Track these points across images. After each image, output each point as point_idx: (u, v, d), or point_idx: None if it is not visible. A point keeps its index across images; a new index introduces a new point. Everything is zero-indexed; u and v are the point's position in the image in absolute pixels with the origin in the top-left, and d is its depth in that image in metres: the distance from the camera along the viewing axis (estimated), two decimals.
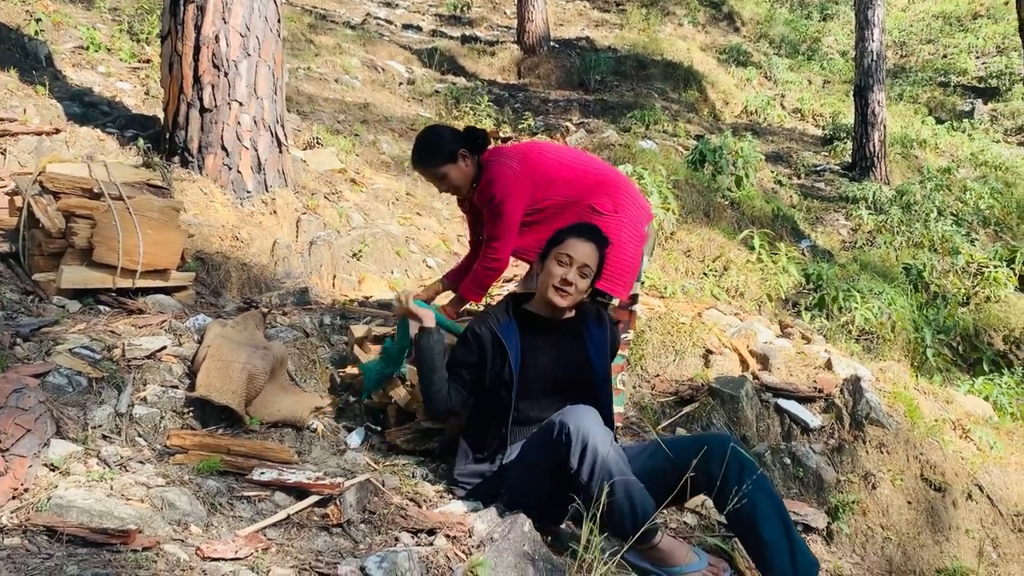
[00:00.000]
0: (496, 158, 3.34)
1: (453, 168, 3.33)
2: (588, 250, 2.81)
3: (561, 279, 2.78)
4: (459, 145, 3.31)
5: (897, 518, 3.61)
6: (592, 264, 2.81)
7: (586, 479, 2.46)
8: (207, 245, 4.13)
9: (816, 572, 2.51)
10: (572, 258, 2.78)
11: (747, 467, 2.59)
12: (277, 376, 3.12)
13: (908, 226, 8.57)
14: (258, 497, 2.51)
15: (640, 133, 9.22)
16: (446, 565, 2.35)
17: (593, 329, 2.93)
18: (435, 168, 3.36)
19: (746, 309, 5.71)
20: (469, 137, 3.36)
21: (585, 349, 2.88)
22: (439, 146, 3.33)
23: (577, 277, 2.78)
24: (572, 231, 2.87)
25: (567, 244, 2.81)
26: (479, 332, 2.86)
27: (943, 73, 15.57)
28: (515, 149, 3.45)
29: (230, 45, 4.45)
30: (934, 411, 4.23)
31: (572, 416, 2.51)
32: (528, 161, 3.32)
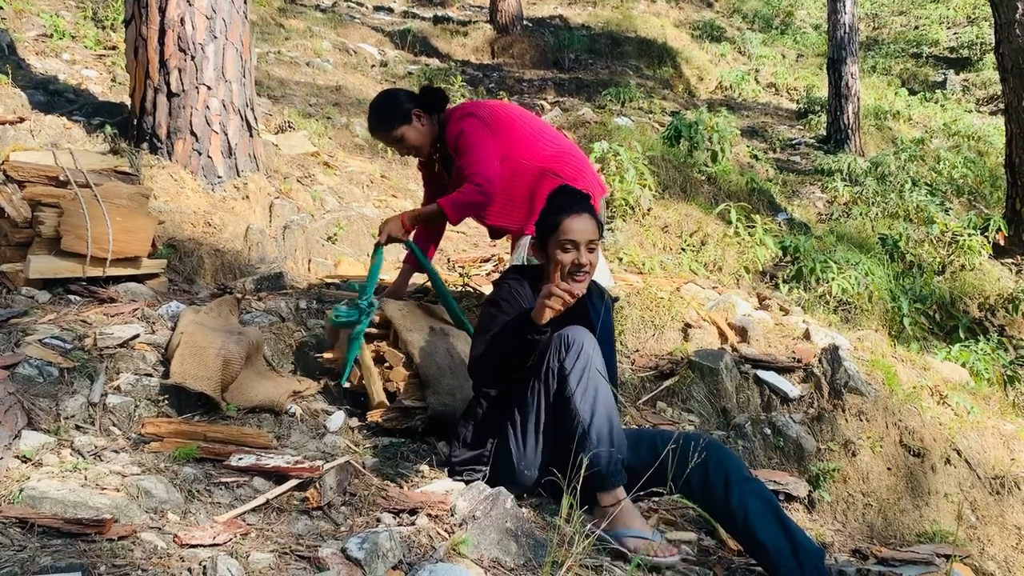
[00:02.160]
0: (460, 112, 3.29)
1: (409, 129, 3.28)
2: (586, 224, 2.66)
3: (574, 265, 2.63)
4: (414, 104, 3.26)
5: (877, 484, 3.64)
6: (595, 234, 2.68)
7: (574, 385, 2.48)
8: (179, 232, 4.07)
9: (823, 559, 2.50)
10: (576, 241, 2.63)
11: (732, 473, 2.55)
12: (253, 361, 3.09)
13: (883, 197, 8.62)
14: (236, 483, 2.49)
15: (615, 110, 9.19)
16: (428, 544, 2.34)
17: (598, 306, 2.86)
18: (391, 131, 3.30)
19: (724, 283, 5.73)
20: (425, 96, 3.30)
21: (591, 329, 2.77)
22: (393, 108, 3.28)
23: (588, 256, 2.65)
24: (559, 211, 2.69)
25: (563, 229, 2.64)
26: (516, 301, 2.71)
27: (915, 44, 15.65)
28: (480, 103, 3.41)
29: (196, 28, 4.37)
30: (912, 378, 4.28)
31: (572, 328, 2.55)
32: (495, 116, 3.28)
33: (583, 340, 2.53)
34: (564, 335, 2.55)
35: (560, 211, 2.67)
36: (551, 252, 2.66)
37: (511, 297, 2.72)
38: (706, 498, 2.53)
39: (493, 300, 2.76)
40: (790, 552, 2.44)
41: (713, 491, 2.52)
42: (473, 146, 3.17)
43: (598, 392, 2.49)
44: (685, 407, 3.68)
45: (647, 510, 2.97)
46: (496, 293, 2.78)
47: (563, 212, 2.66)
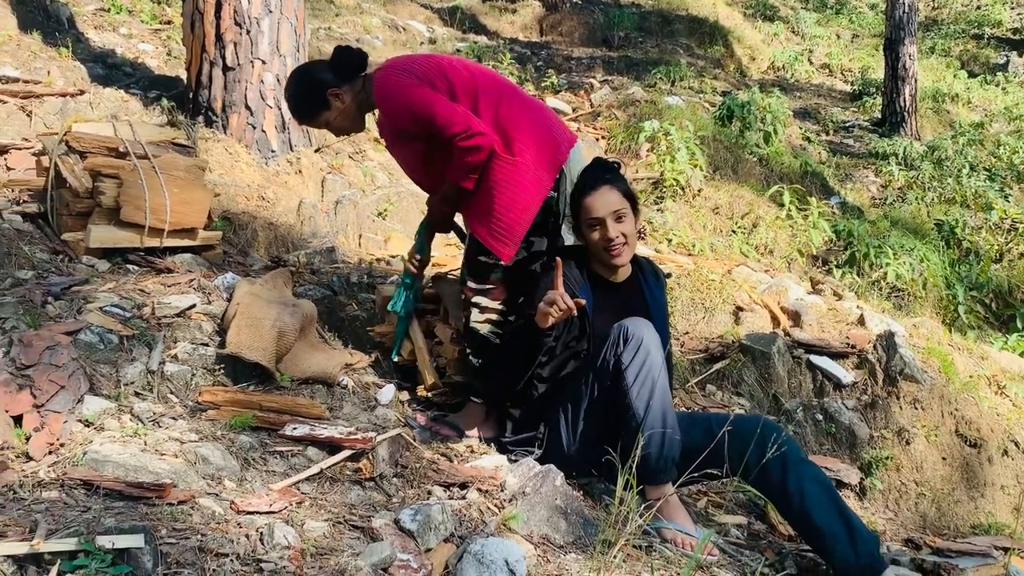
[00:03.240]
0: (383, 68, 2.85)
1: (331, 113, 2.91)
2: (608, 196, 2.62)
3: (604, 240, 2.63)
4: (327, 85, 2.87)
5: (931, 474, 3.57)
6: (621, 203, 2.63)
7: (631, 380, 2.45)
8: (233, 205, 4.12)
9: (878, 545, 2.47)
10: (599, 217, 2.62)
11: (790, 456, 2.50)
12: (307, 333, 3.12)
13: (940, 182, 8.40)
14: (290, 452, 2.52)
15: (665, 90, 9.06)
16: (479, 518, 2.35)
17: (652, 285, 2.82)
18: (313, 121, 2.98)
19: (776, 266, 5.64)
20: (338, 64, 2.91)
21: (648, 310, 2.76)
22: (306, 96, 2.92)
23: (618, 226, 2.61)
24: (578, 193, 2.65)
25: (585, 208, 2.65)
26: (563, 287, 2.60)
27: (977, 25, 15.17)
28: (409, 56, 2.95)
29: (251, 2, 4.39)
30: (968, 367, 4.18)
31: (633, 321, 2.52)
32: (427, 63, 2.83)
33: (643, 334, 2.48)
34: (624, 328, 2.51)
35: (579, 191, 2.68)
36: (584, 232, 2.67)
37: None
38: (762, 480, 2.50)
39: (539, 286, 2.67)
40: (846, 538, 2.41)
41: (770, 473, 2.49)
42: (428, 108, 2.72)
43: (655, 388, 2.46)
44: (736, 391, 3.64)
45: (696, 492, 2.95)
46: (543, 277, 2.72)
47: (581, 192, 2.67)
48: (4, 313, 2.72)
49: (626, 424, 2.49)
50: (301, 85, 2.97)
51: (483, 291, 2.89)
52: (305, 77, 2.98)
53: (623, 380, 2.47)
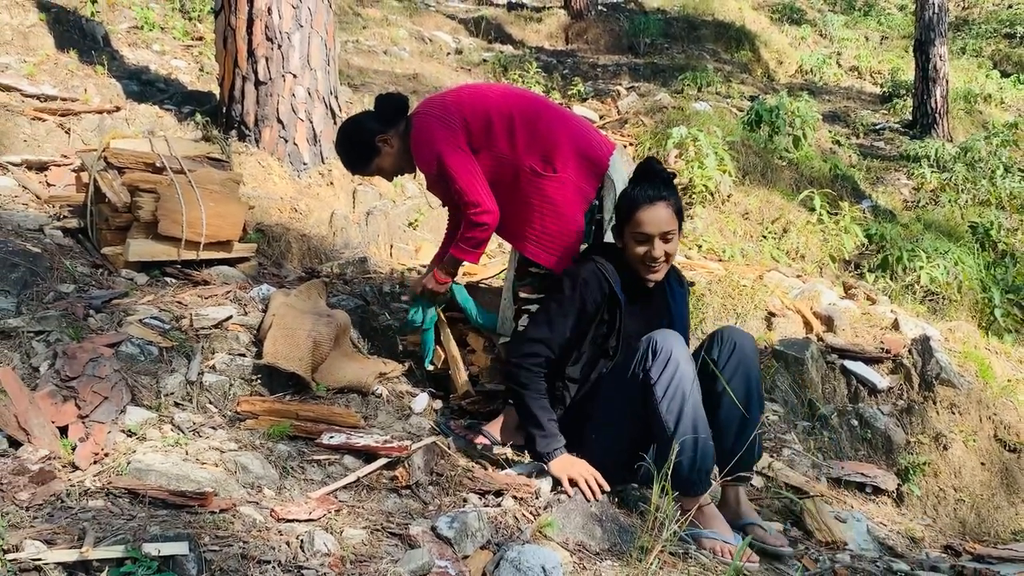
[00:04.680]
0: (420, 111, 2.98)
1: (381, 159, 3.05)
2: (662, 214, 2.58)
3: (647, 257, 2.59)
4: (374, 132, 3.01)
5: (970, 479, 3.53)
6: (672, 223, 2.59)
7: (660, 394, 2.43)
8: (267, 217, 4.18)
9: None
10: (648, 234, 2.57)
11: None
12: (341, 343, 3.16)
13: (973, 183, 8.29)
14: (328, 460, 2.55)
15: (693, 95, 9.03)
16: (515, 525, 2.36)
17: (676, 291, 2.81)
18: (366, 170, 3.11)
19: (807, 271, 5.60)
20: (382, 111, 3.05)
21: (669, 314, 2.77)
22: (356, 147, 3.06)
23: (662, 246, 2.59)
24: (634, 201, 2.61)
25: (636, 220, 2.59)
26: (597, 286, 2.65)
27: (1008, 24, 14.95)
28: (444, 93, 3.07)
29: (282, 17, 4.46)
30: (1006, 371, 4.12)
31: (661, 334, 2.50)
32: (460, 102, 2.95)
33: (672, 347, 2.46)
34: (653, 341, 2.48)
35: (635, 201, 2.61)
36: (626, 240, 2.64)
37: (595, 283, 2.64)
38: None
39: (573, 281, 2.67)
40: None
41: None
42: (449, 169, 2.87)
43: (685, 402, 2.43)
44: (769, 397, 3.62)
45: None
46: (581, 272, 2.67)
47: (637, 203, 2.60)
48: (48, 326, 2.79)
49: (657, 436, 2.48)
50: (351, 137, 3.10)
51: (535, 300, 2.96)
52: (353, 129, 3.11)
53: (652, 395, 2.45)
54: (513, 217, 2.96)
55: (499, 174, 2.93)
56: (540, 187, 2.88)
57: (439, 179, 2.97)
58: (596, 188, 2.96)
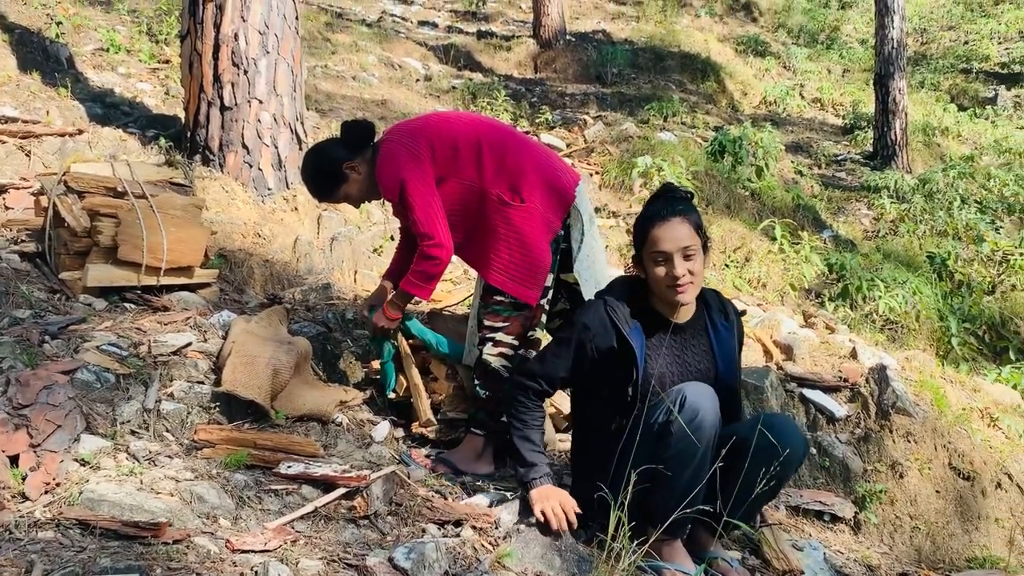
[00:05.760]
0: (386, 139, 3.00)
1: (348, 185, 3.05)
2: (679, 230, 2.41)
3: (669, 277, 2.40)
4: (341, 160, 3.01)
5: (926, 507, 3.58)
6: (692, 239, 2.41)
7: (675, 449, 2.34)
8: (229, 242, 4.16)
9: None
10: (666, 252, 2.40)
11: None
12: (302, 371, 3.14)
13: (931, 214, 8.48)
14: (285, 490, 2.53)
15: (658, 125, 9.17)
16: (473, 556, 2.36)
17: (720, 326, 2.59)
18: (332, 197, 3.11)
19: (769, 300, 5.68)
20: (348, 138, 3.05)
21: (712, 355, 2.58)
22: (323, 174, 3.06)
23: (684, 264, 2.39)
24: (647, 220, 2.48)
25: (652, 239, 2.43)
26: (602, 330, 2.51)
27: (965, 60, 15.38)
28: (411, 121, 3.11)
29: (249, 43, 4.47)
30: (961, 400, 4.20)
31: (693, 388, 2.37)
32: (427, 129, 2.97)
33: (700, 406, 2.33)
34: (682, 395, 2.35)
35: (648, 220, 2.47)
36: (646, 265, 2.46)
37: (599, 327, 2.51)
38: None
39: (575, 324, 2.56)
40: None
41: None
42: (408, 199, 2.88)
43: (694, 456, 2.34)
44: None
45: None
46: (585, 316, 2.56)
47: (651, 221, 2.45)
48: (2, 352, 2.75)
49: (656, 479, 2.38)
50: (317, 165, 3.09)
51: (500, 328, 2.96)
52: (319, 157, 3.11)
53: (668, 447, 2.36)
54: (479, 245, 2.98)
55: (466, 201, 2.95)
56: (507, 216, 2.90)
57: (401, 206, 2.99)
58: (562, 218, 2.99)
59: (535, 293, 2.92)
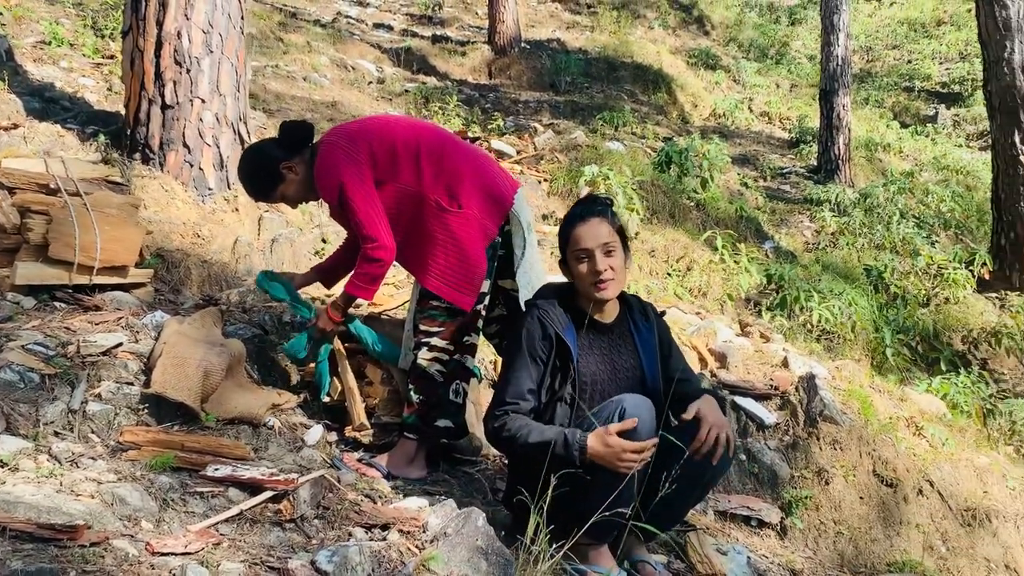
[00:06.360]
0: (325, 141, 3.00)
1: (285, 186, 3.04)
2: (599, 228, 2.56)
3: (592, 273, 2.54)
4: (278, 160, 3.01)
5: (849, 513, 3.68)
6: (612, 237, 2.56)
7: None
8: (167, 242, 4.11)
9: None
10: (587, 249, 2.54)
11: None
12: (235, 373, 3.12)
13: (870, 228, 8.71)
14: (211, 493, 2.51)
15: (609, 134, 9.28)
16: (398, 559, 2.36)
17: (641, 327, 2.71)
18: (269, 197, 3.11)
19: (709, 309, 5.78)
20: (287, 139, 3.04)
21: (637, 355, 2.68)
22: (260, 175, 3.05)
23: (606, 259, 2.54)
24: (567, 223, 2.62)
25: (574, 238, 2.58)
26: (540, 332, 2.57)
27: (908, 78, 15.83)
28: (351, 123, 3.12)
29: (192, 42, 4.43)
30: (888, 409, 4.32)
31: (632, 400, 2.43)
32: (367, 132, 2.98)
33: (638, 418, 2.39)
34: (621, 407, 2.42)
35: (570, 221, 2.62)
36: (571, 265, 2.61)
37: (537, 330, 2.58)
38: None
39: (517, 335, 2.63)
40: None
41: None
42: (349, 202, 2.88)
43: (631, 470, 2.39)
44: None
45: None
46: (522, 325, 2.63)
47: (572, 222, 2.61)
48: None
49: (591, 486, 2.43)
50: (254, 164, 3.08)
51: (435, 333, 2.97)
52: (257, 156, 3.11)
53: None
54: (416, 250, 2.99)
55: (403, 206, 2.97)
56: (445, 222, 2.92)
57: (340, 209, 2.99)
58: (499, 225, 3.02)
59: (470, 299, 2.95)
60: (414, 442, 3.02)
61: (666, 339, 2.77)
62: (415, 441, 3.01)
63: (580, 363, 2.59)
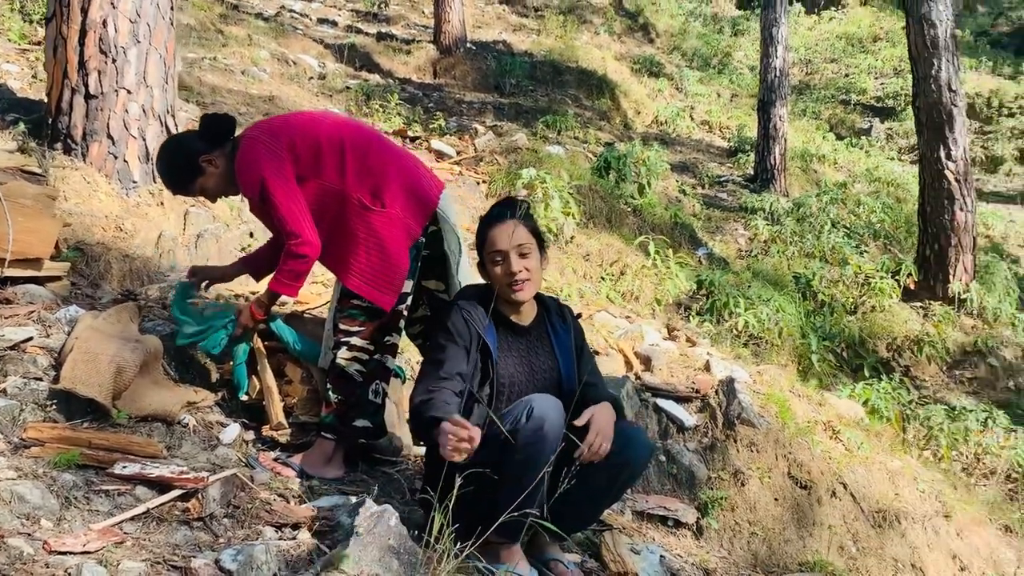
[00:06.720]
0: (247, 135, 2.97)
1: (205, 179, 3.00)
2: (512, 229, 2.58)
3: (507, 275, 2.57)
4: (198, 152, 2.96)
5: (764, 514, 3.77)
6: (527, 239, 2.59)
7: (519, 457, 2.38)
8: (88, 235, 4.01)
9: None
10: (503, 250, 2.57)
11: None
12: (150, 370, 3.06)
13: (801, 237, 8.93)
14: (118, 491, 2.47)
15: (552, 138, 9.34)
16: (307, 559, 2.35)
17: (559, 328, 2.74)
18: (187, 190, 3.07)
19: (641, 313, 5.87)
20: (208, 131, 3.01)
21: (554, 356, 2.70)
22: (178, 166, 3.00)
23: (521, 261, 2.56)
24: (483, 225, 2.66)
25: (490, 240, 2.61)
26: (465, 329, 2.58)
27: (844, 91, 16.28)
28: (274, 118, 3.08)
29: (118, 31, 4.33)
30: (807, 413, 4.44)
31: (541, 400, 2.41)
32: (289, 127, 2.95)
33: (546, 416, 2.38)
34: (530, 407, 2.40)
35: (486, 223, 2.65)
36: (487, 267, 2.63)
37: (462, 325, 2.60)
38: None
39: (445, 327, 2.62)
40: None
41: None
42: (271, 198, 2.84)
43: (537, 465, 2.38)
44: None
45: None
46: (447, 318, 2.64)
47: (488, 224, 2.64)
48: None
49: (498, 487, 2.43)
50: (173, 156, 3.03)
51: (355, 332, 2.95)
52: (176, 148, 3.06)
53: (512, 452, 2.40)
54: (338, 248, 2.97)
55: (326, 204, 2.95)
56: (367, 221, 2.91)
57: (262, 204, 2.96)
58: (423, 226, 3.01)
59: (391, 299, 2.94)
60: (331, 442, 3.00)
61: (579, 341, 2.80)
62: (333, 441, 3.00)
63: (499, 364, 2.61)
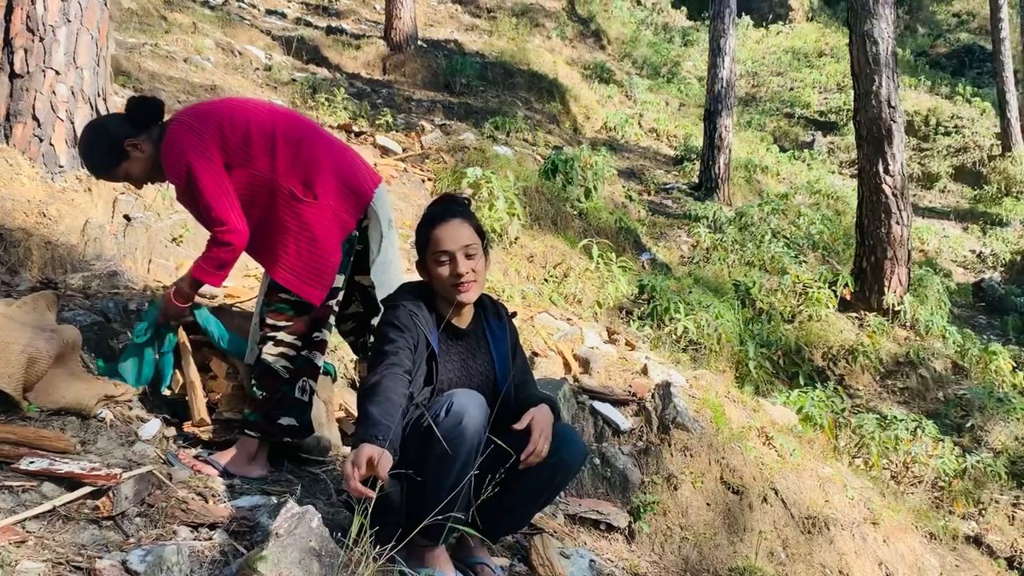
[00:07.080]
0: (174, 119, 2.86)
1: (130, 164, 2.89)
2: (460, 230, 2.51)
3: (453, 276, 2.48)
4: (124, 134, 2.86)
5: (696, 519, 3.78)
6: (473, 239, 2.51)
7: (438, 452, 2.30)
8: (8, 220, 3.84)
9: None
10: (449, 251, 2.48)
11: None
12: (67, 361, 2.93)
13: (742, 245, 9.04)
14: (23, 488, 2.35)
15: (501, 139, 9.31)
16: (222, 560, 2.27)
17: (496, 329, 2.68)
18: (111, 174, 2.96)
19: (581, 315, 5.86)
20: (134, 114, 2.89)
21: (491, 358, 2.64)
22: (102, 149, 2.88)
23: (467, 262, 2.49)
24: (428, 223, 2.55)
25: (435, 240, 2.51)
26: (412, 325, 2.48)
27: (789, 105, 16.59)
28: (204, 103, 2.98)
29: (48, 9, 4.16)
30: (741, 418, 4.47)
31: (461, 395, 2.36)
32: (219, 113, 2.85)
33: (464, 412, 2.31)
34: (450, 401, 2.34)
35: (430, 222, 2.56)
36: (430, 267, 2.53)
37: (409, 323, 2.50)
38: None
39: (391, 322, 2.51)
40: None
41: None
42: (196, 183, 2.75)
43: (456, 460, 2.33)
44: None
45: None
46: (393, 315, 2.53)
47: (432, 223, 2.54)
48: None
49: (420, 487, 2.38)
50: (96, 139, 2.91)
51: (282, 327, 2.86)
52: (100, 130, 2.94)
53: (431, 448, 2.33)
54: (267, 240, 2.88)
55: (255, 194, 2.86)
56: (298, 212, 2.83)
57: (188, 191, 2.85)
58: (357, 219, 2.94)
59: (320, 293, 2.86)
60: (255, 440, 2.91)
61: (514, 340, 2.76)
62: (256, 439, 2.91)
63: (441, 369, 2.55)
